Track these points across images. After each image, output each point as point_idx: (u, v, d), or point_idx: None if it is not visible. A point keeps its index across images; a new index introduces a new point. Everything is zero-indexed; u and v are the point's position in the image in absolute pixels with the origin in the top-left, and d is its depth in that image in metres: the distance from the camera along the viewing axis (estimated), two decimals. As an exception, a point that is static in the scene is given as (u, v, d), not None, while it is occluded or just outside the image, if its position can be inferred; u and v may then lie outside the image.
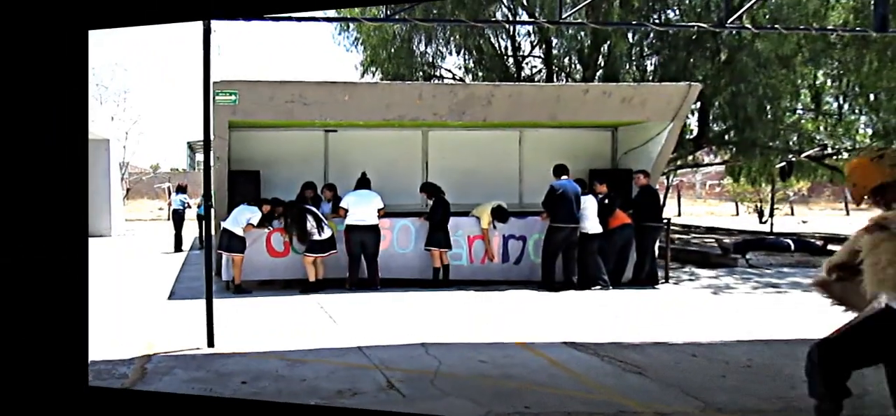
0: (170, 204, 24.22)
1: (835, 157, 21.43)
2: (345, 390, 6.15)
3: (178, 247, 19.39)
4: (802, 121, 19.71)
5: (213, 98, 10.26)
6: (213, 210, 9.69)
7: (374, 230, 11.69)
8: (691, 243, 18.67)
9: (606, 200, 12.07)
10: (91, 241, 21.25)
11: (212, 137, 8.26)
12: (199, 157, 52.11)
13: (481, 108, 11.92)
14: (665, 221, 13.10)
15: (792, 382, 6.38)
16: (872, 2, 9.67)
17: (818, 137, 20.22)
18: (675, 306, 10.44)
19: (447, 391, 5.98)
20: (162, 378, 6.67)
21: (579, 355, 7.25)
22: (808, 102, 19.45)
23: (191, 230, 21.00)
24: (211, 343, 7.74)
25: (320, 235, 11.49)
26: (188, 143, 51.14)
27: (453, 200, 12.25)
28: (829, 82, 19.37)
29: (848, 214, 40.95)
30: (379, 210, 11.75)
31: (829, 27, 15.61)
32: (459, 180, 13.24)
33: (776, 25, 13.71)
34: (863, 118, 19.81)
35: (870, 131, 20.15)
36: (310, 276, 11.56)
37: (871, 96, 18.50)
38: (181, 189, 20.85)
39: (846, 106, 19.67)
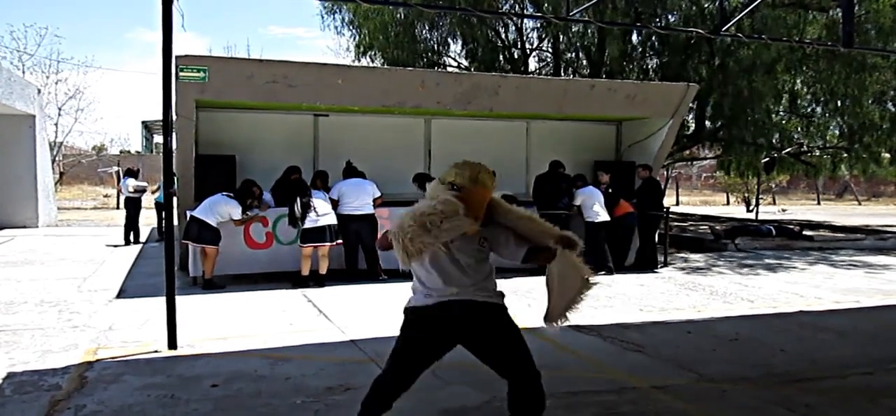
0: (119, 190, 19.40)
1: (809, 154, 21.84)
2: (336, 386, 5.26)
3: (130, 239, 15.25)
4: (783, 122, 19.67)
5: (177, 74, 8.76)
6: (175, 197, 8.48)
7: (369, 220, 10.23)
8: (687, 230, 18.60)
9: (610, 190, 11.85)
10: (11, 233, 17.16)
11: (173, 116, 6.61)
12: (158, 139, 43.51)
13: (488, 98, 10.92)
14: (665, 210, 12.87)
15: (772, 351, 6.74)
16: (841, 21, 9.59)
17: (795, 136, 20.31)
18: (672, 287, 10.29)
19: (450, 380, 5.20)
20: (108, 387, 5.17)
21: (584, 337, 6.94)
22: (787, 105, 19.42)
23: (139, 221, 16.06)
24: (173, 344, 6.21)
25: (303, 223, 9.67)
26: (143, 122, 44.30)
27: None
28: (805, 88, 19.41)
29: (819, 203, 41.22)
30: (375, 199, 10.39)
31: (806, 40, 15.71)
32: (465, 170, 12.16)
33: (762, 36, 13.49)
34: (832, 121, 20.01)
35: (837, 132, 20.51)
36: (302, 269, 9.77)
37: (839, 102, 18.75)
38: (131, 173, 16.26)
39: (819, 109, 19.77)
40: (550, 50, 21.19)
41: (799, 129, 20.30)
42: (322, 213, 9.77)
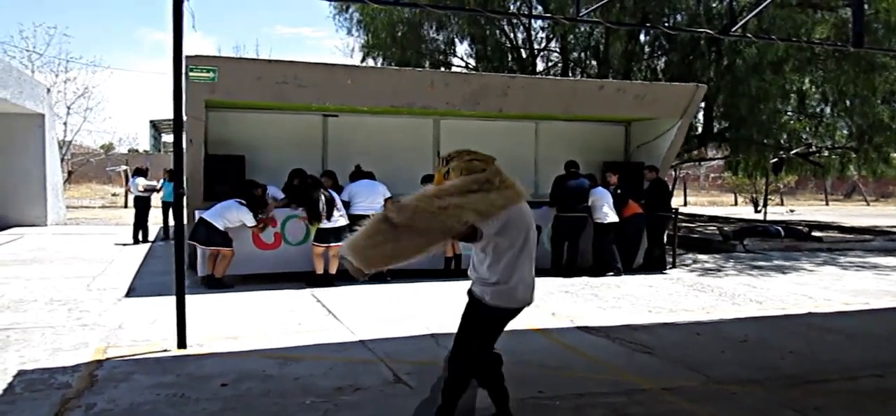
0: (128, 190, 19.16)
1: (817, 154, 21.80)
2: (345, 386, 5.26)
3: (139, 238, 15.34)
4: (791, 122, 19.60)
5: (187, 74, 8.75)
6: (184, 197, 8.40)
7: None
8: (696, 231, 18.49)
9: (618, 191, 11.81)
10: (20, 231, 17.21)
11: (183, 116, 6.63)
12: (166, 138, 43.32)
13: (496, 98, 10.91)
14: (673, 211, 12.81)
15: (781, 353, 6.71)
16: (851, 21, 9.55)
17: (804, 137, 20.25)
18: (680, 289, 10.24)
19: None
20: (118, 386, 5.20)
21: (592, 338, 6.98)
22: (796, 105, 19.35)
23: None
24: (182, 344, 6.22)
25: (329, 221, 9.66)
26: (152, 121, 43.81)
27: None
28: (813, 88, 19.37)
29: (827, 203, 41.00)
30: (386, 200, 10.20)
31: (815, 40, 15.58)
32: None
33: (771, 36, 13.44)
34: (841, 121, 19.92)
35: (846, 132, 20.41)
36: (317, 268, 9.79)
37: (848, 102, 18.69)
38: (140, 172, 16.38)
39: (828, 109, 19.70)
40: (558, 50, 21.13)
41: (807, 129, 20.25)
42: (342, 214, 9.84)
